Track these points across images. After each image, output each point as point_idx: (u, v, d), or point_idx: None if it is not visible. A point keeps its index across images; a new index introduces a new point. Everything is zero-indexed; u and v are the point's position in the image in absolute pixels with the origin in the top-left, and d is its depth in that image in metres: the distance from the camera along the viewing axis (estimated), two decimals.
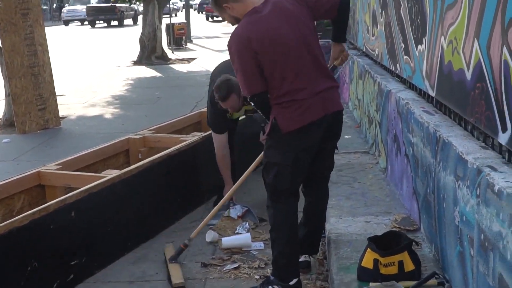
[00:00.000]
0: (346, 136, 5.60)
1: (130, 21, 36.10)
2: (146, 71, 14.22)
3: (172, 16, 33.38)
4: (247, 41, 3.01)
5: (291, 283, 3.21)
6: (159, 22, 15.86)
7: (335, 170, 4.43)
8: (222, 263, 3.78)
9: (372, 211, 3.74)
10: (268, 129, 3.18)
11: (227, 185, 4.59)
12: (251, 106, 4.45)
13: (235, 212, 4.46)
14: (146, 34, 15.66)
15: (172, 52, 17.84)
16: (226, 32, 26.53)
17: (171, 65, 15.33)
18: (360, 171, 4.58)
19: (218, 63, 4.84)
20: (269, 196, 3.25)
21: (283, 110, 3.09)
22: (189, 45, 20.53)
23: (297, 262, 3.33)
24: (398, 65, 4.36)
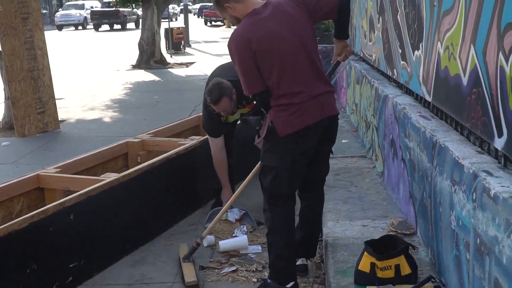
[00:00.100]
0: (344, 141, 5.61)
1: (133, 25, 36.26)
2: (145, 75, 14.22)
3: (172, 21, 33.52)
4: (247, 42, 3.02)
5: (288, 286, 3.20)
6: (158, 27, 15.87)
7: (332, 174, 4.45)
8: (220, 266, 3.78)
9: (369, 215, 3.74)
10: (265, 133, 3.18)
11: (225, 188, 4.58)
12: (247, 110, 4.47)
13: (233, 216, 4.45)
14: (145, 39, 15.68)
15: (171, 57, 17.86)
16: (225, 37, 26.55)
17: (170, 69, 15.34)
18: (357, 175, 4.58)
19: (215, 67, 4.84)
20: (267, 200, 3.24)
21: (280, 114, 3.09)
22: (188, 50, 20.55)
23: (294, 266, 3.33)
24: (395, 70, 4.37)
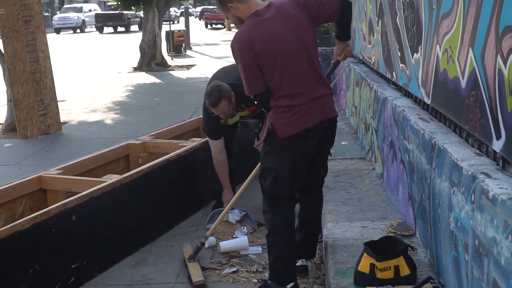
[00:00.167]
0: (343, 142, 5.61)
1: (136, 28, 36.43)
2: (146, 78, 14.23)
3: (174, 23, 33.58)
4: (250, 43, 3.02)
5: (288, 287, 3.21)
6: (159, 30, 15.88)
7: (332, 176, 4.45)
8: (221, 267, 3.78)
9: (369, 217, 3.74)
10: (265, 135, 3.19)
11: (226, 190, 4.59)
12: (246, 113, 4.48)
13: (234, 217, 4.45)
14: (146, 41, 15.69)
15: (172, 59, 17.86)
16: (225, 40, 26.59)
17: (171, 72, 15.34)
18: (357, 177, 4.59)
19: (216, 70, 4.85)
20: (267, 201, 3.24)
21: (281, 116, 3.09)
22: (189, 52, 20.56)
23: (294, 266, 3.33)
24: (394, 73, 4.37)
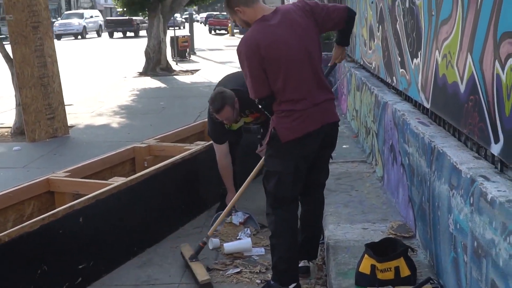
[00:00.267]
0: (344, 146, 5.61)
1: (145, 33, 36.28)
2: (151, 82, 14.25)
3: (180, 28, 33.63)
4: (256, 47, 3.03)
5: (290, 287, 3.21)
6: (164, 35, 15.90)
7: (334, 179, 4.46)
8: (225, 268, 3.78)
9: (369, 218, 3.74)
10: (268, 139, 3.20)
11: (230, 193, 4.58)
12: (250, 119, 4.48)
13: (237, 219, 4.46)
14: (151, 47, 15.71)
15: (176, 64, 17.89)
16: (228, 45, 26.62)
17: (175, 77, 15.36)
18: (358, 180, 4.59)
19: (222, 77, 4.85)
20: (270, 204, 3.25)
21: (283, 120, 3.11)
22: (193, 57, 20.58)
23: (297, 268, 3.33)
24: (394, 78, 4.38)
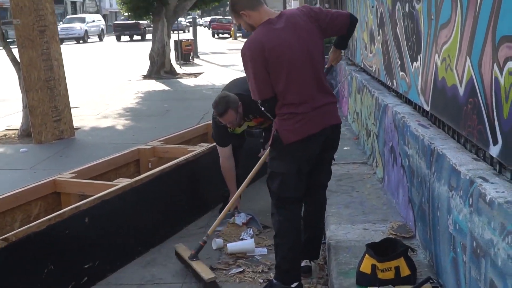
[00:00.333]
0: (345, 148, 5.62)
1: (151, 36, 36.44)
2: (156, 85, 14.26)
3: (185, 32, 33.67)
4: (261, 48, 3.05)
5: (293, 286, 3.22)
6: (168, 39, 15.92)
7: (335, 180, 4.46)
8: (228, 267, 3.79)
9: (370, 219, 3.74)
10: (271, 141, 3.23)
11: (233, 195, 4.59)
12: (253, 123, 4.49)
13: (240, 220, 4.46)
14: (156, 50, 15.74)
15: (180, 67, 17.91)
16: (231, 48, 26.66)
17: (179, 79, 15.38)
18: (359, 181, 4.59)
19: (228, 81, 4.85)
20: (275, 204, 3.27)
21: (285, 122, 3.12)
22: (196, 61, 20.60)
23: (299, 267, 3.34)
24: (395, 81, 4.38)
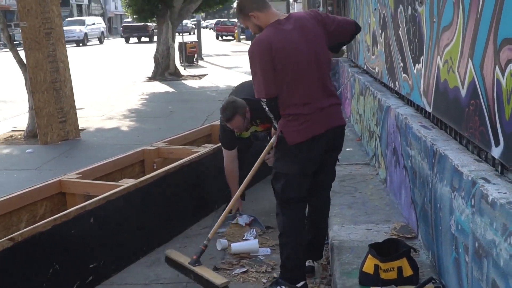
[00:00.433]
0: (348, 149, 5.61)
1: None
2: (160, 87, 14.28)
3: (190, 34, 33.83)
4: (269, 47, 3.05)
5: (299, 286, 3.21)
6: (172, 41, 15.95)
7: (338, 181, 4.45)
8: (232, 267, 3.79)
9: (373, 220, 3.74)
10: (276, 142, 3.23)
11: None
12: (260, 128, 4.48)
13: (243, 221, 4.46)
14: (160, 52, 15.76)
15: (184, 69, 17.93)
16: (235, 50, 26.67)
17: (183, 81, 15.40)
18: (361, 182, 4.58)
19: (236, 85, 4.84)
20: (279, 204, 3.27)
21: (290, 124, 3.12)
22: (200, 63, 20.63)
23: (304, 266, 3.33)
24: (397, 83, 4.38)
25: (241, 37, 36.97)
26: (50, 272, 3.32)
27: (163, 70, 15.81)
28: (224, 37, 41.15)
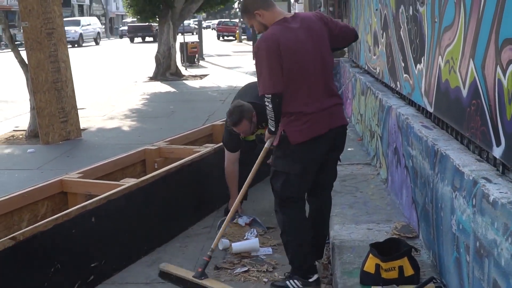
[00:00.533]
0: (349, 149, 5.60)
1: None
2: (161, 87, 14.29)
3: (193, 34, 33.90)
4: (276, 43, 3.05)
5: (311, 280, 3.23)
6: (174, 41, 15.95)
7: (339, 180, 4.45)
8: (233, 267, 3.79)
9: (374, 219, 3.73)
10: (278, 141, 3.21)
11: (233, 199, 4.56)
12: (265, 131, 4.46)
13: (243, 221, 4.46)
14: (162, 52, 15.76)
15: (186, 69, 17.93)
16: (236, 51, 26.69)
17: (185, 81, 15.40)
18: (363, 182, 4.58)
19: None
20: (278, 202, 3.28)
21: (293, 123, 3.13)
22: (202, 63, 20.64)
23: (313, 260, 3.33)
24: (398, 83, 4.37)
25: (242, 38, 36.99)
26: (52, 271, 3.32)
27: (164, 70, 15.81)
28: (226, 38, 41.18)
